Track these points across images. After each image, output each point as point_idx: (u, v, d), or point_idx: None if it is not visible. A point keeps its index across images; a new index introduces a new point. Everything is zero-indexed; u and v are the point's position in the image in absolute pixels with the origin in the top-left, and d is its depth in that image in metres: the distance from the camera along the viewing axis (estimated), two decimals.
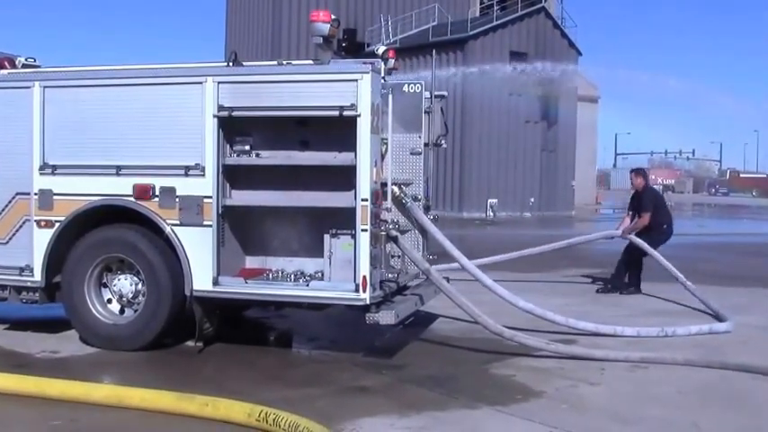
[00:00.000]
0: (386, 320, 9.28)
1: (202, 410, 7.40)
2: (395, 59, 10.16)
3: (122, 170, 9.91)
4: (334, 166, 9.60)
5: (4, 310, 11.37)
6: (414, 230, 10.87)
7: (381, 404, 8.10)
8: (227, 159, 9.79)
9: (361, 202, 9.15)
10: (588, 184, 64.03)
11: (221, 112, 9.57)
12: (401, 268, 10.64)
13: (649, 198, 15.98)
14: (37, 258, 10.26)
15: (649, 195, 16.11)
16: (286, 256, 10.30)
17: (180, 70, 10.09)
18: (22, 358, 9.76)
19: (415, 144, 10.90)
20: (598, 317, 11.86)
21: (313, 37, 9.42)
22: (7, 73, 10.68)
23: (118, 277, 10.24)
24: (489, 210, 44.40)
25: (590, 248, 27.93)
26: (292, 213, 10.06)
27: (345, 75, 9.39)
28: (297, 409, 7.12)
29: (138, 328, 9.98)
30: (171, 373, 9.31)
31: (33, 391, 8.06)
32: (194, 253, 9.71)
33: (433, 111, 11.13)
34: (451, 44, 48.15)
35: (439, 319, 12.11)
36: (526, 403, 8.20)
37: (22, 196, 10.30)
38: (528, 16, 50.17)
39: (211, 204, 9.64)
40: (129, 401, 7.76)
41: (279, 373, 9.37)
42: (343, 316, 10.72)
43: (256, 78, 9.83)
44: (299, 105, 9.47)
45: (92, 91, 10.15)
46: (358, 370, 9.49)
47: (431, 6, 53.55)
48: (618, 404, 8.26)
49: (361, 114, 9.13)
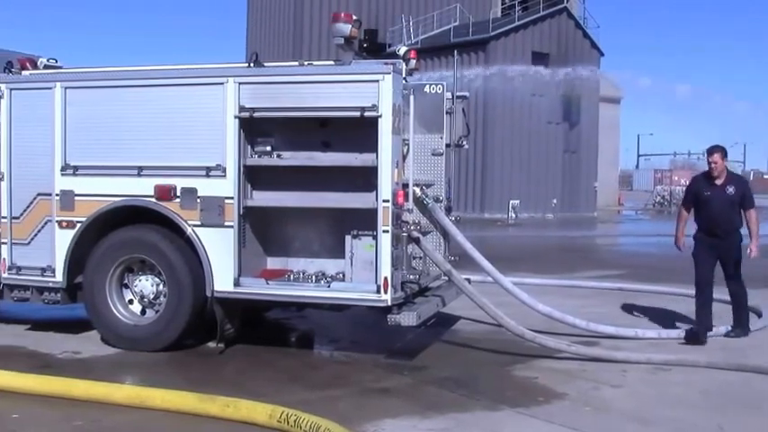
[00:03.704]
0: (407, 322, 9.24)
1: (224, 411, 7.40)
2: (416, 60, 10.12)
3: (143, 171, 9.92)
4: (355, 167, 9.57)
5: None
6: (435, 232, 10.83)
7: (403, 406, 8.07)
8: (248, 160, 9.79)
9: (382, 203, 9.13)
10: (610, 185, 63.79)
11: (242, 113, 9.56)
12: (422, 269, 10.60)
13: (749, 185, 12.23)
14: (59, 259, 10.30)
15: (747, 182, 12.48)
16: (307, 257, 10.29)
17: (201, 71, 10.09)
18: (45, 359, 9.79)
19: (436, 145, 10.86)
20: (618, 319, 11.80)
21: (334, 38, 9.41)
22: (29, 74, 10.72)
23: (139, 278, 10.26)
24: (511, 211, 44.25)
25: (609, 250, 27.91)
26: (313, 214, 10.04)
27: (367, 75, 9.36)
28: (318, 411, 7.10)
29: (160, 329, 9.99)
30: (192, 374, 9.31)
31: (58, 392, 8.10)
32: (215, 254, 9.71)
33: (454, 111, 11.09)
34: (473, 45, 48.14)
35: (460, 320, 12.07)
36: (548, 405, 8.16)
37: (44, 197, 10.34)
38: (550, 17, 50.05)
39: (232, 205, 9.64)
40: (150, 402, 7.77)
41: (300, 375, 9.34)
42: (364, 317, 10.69)
43: (277, 79, 9.81)
44: (320, 106, 9.45)
45: (113, 92, 10.18)
46: (379, 371, 9.47)
47: (452, 7, 53.46)
48: (640, 406, 8.20)
49: (383, 115, 9.11)
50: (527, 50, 48.31)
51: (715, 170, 11.11)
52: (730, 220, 11.13)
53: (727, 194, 11.10)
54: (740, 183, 11.53)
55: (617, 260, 20.42)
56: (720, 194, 11.10)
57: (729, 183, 11.21)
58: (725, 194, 11.10)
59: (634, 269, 18.19)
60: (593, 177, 52.27)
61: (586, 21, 52.68)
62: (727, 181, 11.21)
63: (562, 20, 50.42)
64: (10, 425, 7.47)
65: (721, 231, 11.09)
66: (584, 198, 51.34)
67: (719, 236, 11.10)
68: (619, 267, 19.32)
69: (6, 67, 10.68)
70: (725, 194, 11.10)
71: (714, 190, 11.14)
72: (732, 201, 11.12)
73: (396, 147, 9.28)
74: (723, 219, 11.09)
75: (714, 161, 11.08)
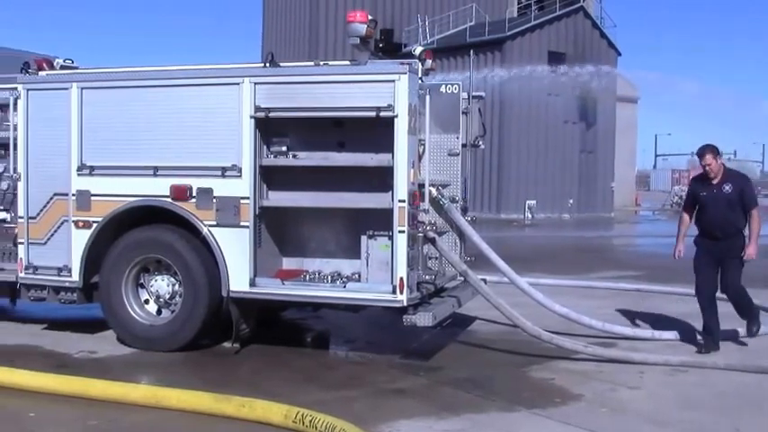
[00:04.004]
0: (423, 322, 9.22)
1: (239, 411, 7.41)
2: (432, 60, 10.07)
3: (159, 171, 9.94)
4: (371, 167, 9.55)
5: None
6: (451, 232, 10.81)
7: (418, 406, 8.05)
8: (263, 160, 9.78)
9: (398, 204, 9.11)
10: (627, 185, 63.58)
11: (258, 113, 9.56)
12: (438, 270, 10.58)
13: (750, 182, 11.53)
14: (75, 259, 10.32)
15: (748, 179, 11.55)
16: (323, 258, 10.28)
17: (217, 71, 10.09)
18: (61, 358, 9.83)
19: (452, 145, 10.84)
20: (635, 321, 11.75)
21: (350, 38, 9.40)
22: (46, 74, 10.74)
23: (155, 278, 10.28)
24: (527, 211, 44.17)
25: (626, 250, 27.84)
26: (329, 214, 10.03)
27: (382, 75, 9.35)
28: (333, 411, 7.09)
29: (175, 329, 10.00)
30: (208, 374, 9.32)
31: (74, 391, 8.13)
32: (231, 254, 9.71)
33: (470, 111, 11.08)
34: (489, 44, 48.10)
35: (476, 321, 12.05)
36: (565, 406, 8.13)
37: (60, 197, 10.37)
38: (566, 16, 49.94)
39: (248, 205, 9.64)
40: (166, 402, 7.78)
41: (315, 375, 9.34)
42: (380, 318, 10.67)
43: (293, 79, 9.80)
44: (336, 106, 9.44)
45: (129, 92, 10.20)
46: (395, 372, 9.46)
47: (468, 6, 53.44)
48: (658, 408, 8.16)
49: (399, 115, 9.09)
50: (543, 50, 48.19)
51: (710, 172, 10.53)
52: (728, 220, 10.50)
53: (723, 193, 10.49)
54: (738, 180, 10.75)
55: (634, 261, 20.33)
56: (717, 194, 10.51)
57: (726, 181, 10.56)
58: (721, 193, 10.50)
59: (651, 270, 18.08)
60: (610, 177, 52.12)
61: (603, 20, 52.56)
62: (723, 179, 10.57)
63: (578, 19, 50.30)
64: (27, 424, 7.50)
65: (720, 233, 10.52)
66: (600, 198, 51.19)
67: (718, 238, 10.53)
68: (636, 268, 19.23)
69: (23, 67, 10.71)
70: (721, 193, 10.50)
71: (710, 190, 10.59)
72: (729, 200, 10.47)
73: (412, 147, 9.27)
74: (720, 219, 10.50)
75: (707, 163, 10.50)
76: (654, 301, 14.43)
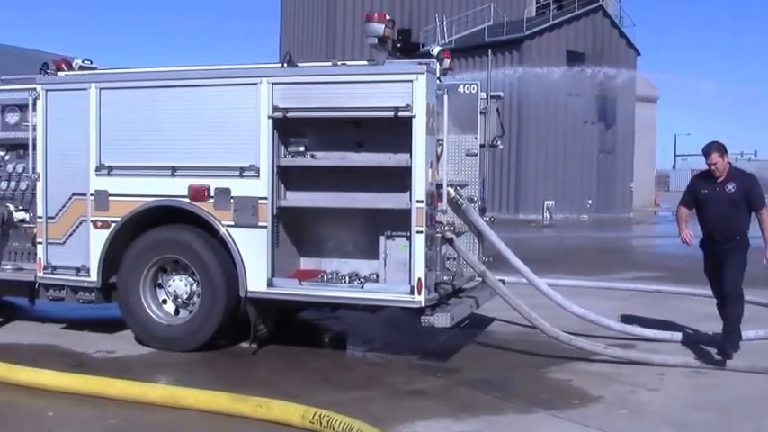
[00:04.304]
0: (441, 323, 9.20)
1: (256, 412, 7.41)
2: (450, 60, 10.07)
3: (177, 171, 9.95)
4: (388, 167, 9.52)
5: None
6: (469, 232, 10.78)
7: (436, 407, 8.03)
8: (281, 160, 9.78)
9: (416, 204, 9.09)
10: (647, 185, 63.40)
11: (276, 113, 9.55)
12: (456, 270, 10.55)
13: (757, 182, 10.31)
14: (93, 259, 10.35)
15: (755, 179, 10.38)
16: (341, 258, 10.26)
17: (234, 71, 10.09)
18: (79, 358, 9.86)
19: (470, 145, 10.82)
20: (655, 322, 11.68)
21: (368, 37, 9.39)
22: (64, 75, 10.77)
23: (173, 278, 10.29)
24: (546, 211, 44.07)
25: (645, 251, 27.72)
26: (347, 215, 10.00)
27: (400, 75, 9.33)
28: (351, 412, 7.08)
29: (193, 329, 10.01)
30: (225, 374, 9.31)
31: (93, 391, 8.16)
32: (249, 254, 9.71)
33: (488, 111, 11.06)
34: (507, 44, 48.07)
35: (494, 322, 12.02)
36: (583, 408, 8.10)
37: (79, 197, 10.40)
38: (585, 15, 49.86)
39: (266, 205, 9.63)
40: (183, 402, 7.79)
41: (333, 376, 9.33)
42: (398, 318, 10.64)
43: (311, 79, 9.79)
44: (354, 106, 9.41)
45: (147, 92, 10.21)
46: (413, 373, 9.44)
47: (486, 6, 53.42)
48: (677, 410, 8.11)
49: (417, 115, 9.07)
50: (562, 50, 48.12)
51: (716, 171, 9.87)
52: (730, 222, 9.84)
53: (726, 193, 9.84)
54: (744, 179, 10.00)
55: (654, 262, 20.22)
56: (719, 193, 9.88)
57: (730, 180, 9.89)
58: (723, 193, 9.84)
59: (671, 271, 18.00)
60: (629, 178, 51.99)
61: (622, 19, 52.47)
62: (727, 178, 9.90)
63: (597, 19, 50.21)
64: (46, 422, 7.52)
65: (720, 236, 9.91)
66: (619, 199, 51.07)
67: (718, 241, 9.93)
68: (656, 269, 19.15)
69: (42, 68, 10.75)
70: (723, 193, 9.84)
71: (712, 188, 9.96)
72: (732, 200, 9.80)
73: (430, 147, 9.24)
74: (721, 220, 9.87)
75: (713, 162, 9.83)
76: (674, 302, 14.37)
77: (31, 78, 10.73)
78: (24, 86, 10.82)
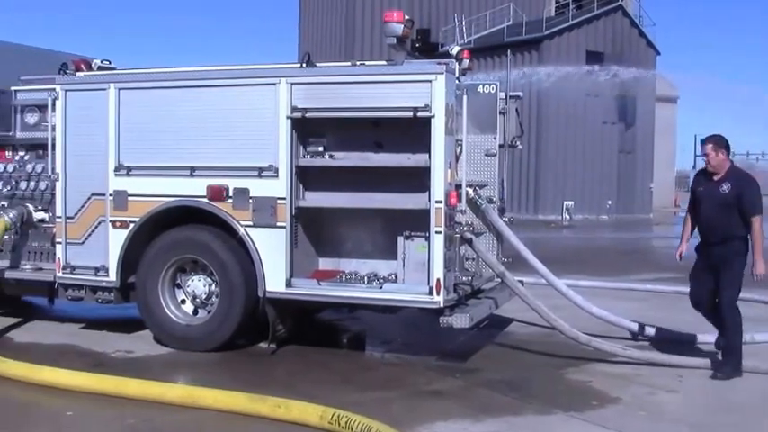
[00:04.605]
0: (460, 324, 9.18)
1: (275, 412, 7.41)
2: (469, 60, 10.03)
3: (196, 171, 9.96)
4: (407, 167, 9.50)
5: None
6: (488, 233, 10.75)
7: (455, 408, 8.01)
8: (300, 161, 9.77)
9: (435, 204, 9.07)
10: (666, 186, 63.03)
11: (294, 114, 9.55)
12: (475, 271, 10.51)
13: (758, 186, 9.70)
14: (112, 259, 10.37)
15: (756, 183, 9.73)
16: (359, 258, 10.25)
17: (253, 71, 10.09)
18: (98, 357, 9.88)
19: (489, 145, 10.79)
20: (675, 324, 11.61)
21: (386, 37, 9.36)
22: (83, 75, 10.80)
23: (191, 278, 10.30)
24: (565, 212, 43.94)
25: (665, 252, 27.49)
26: (365, 215, 9.98)
27: (419, 75, 9.30)
28: (369, 413, 7.08)
29: (212, 329, 10.02)
30: (244, 374, 9.32)
31: (111, 391, 8.19)
32: (267, 254, 9.71)
33: (507, 111, 11.02)
34: (526, 44, 47.91)
35: (513, 322, 11.98)
36: (602, 409, 8.07)
37: (98, 197, 10.42)
38: (604, 15, 49.63)
39: (285, 206, 9.63)
40: (202, 402, 7.81)
41: (351, 376, 9.33)
42: (416, 319, 10.62)
43: (330, 79, 9.77)
44: (373, 106, 9.40)
45: (166, 93, 10.23)
46: (431, 373, 9.42)
47: (505, 6, 53.30)
48: (697, 412, 8.10)
49: (436, 115, 9.04)
50: (581, 50, 47.90)
51: (708, 163, 9.41)
52: (721, 223, 9.30)
53: (719, 192, 9.33)
54: (740, 180, 9.41)
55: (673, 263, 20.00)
56: (713, 192, 9.40)
57: (726, 180, 9.37)
58: (717, 192, 9.34)
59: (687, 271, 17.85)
60: (649, 178, 51.73)
61: (642, 19, 52.17)
62: (724, 177, 9.39)
63: (617, 18, 49.98)
64: (64, 422, 7.56)
65: (712, 237, 9.44)
66: (639, 199, 50.81)
67: (713, 243, 9.42)
68: (676, 270, 18.86)
69: (61, 68, 10.78)
70: (717, 192, 9.34)
71: (707, 186, 9.50)
72: (725, 200, 9.28)
73: (449, 147, 9.21)
74: (711, 220, 9.40)
75: (705, 152, 9.41)
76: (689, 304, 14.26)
77: (51, 79, 10.76)
78: (44, 87, 10.88)
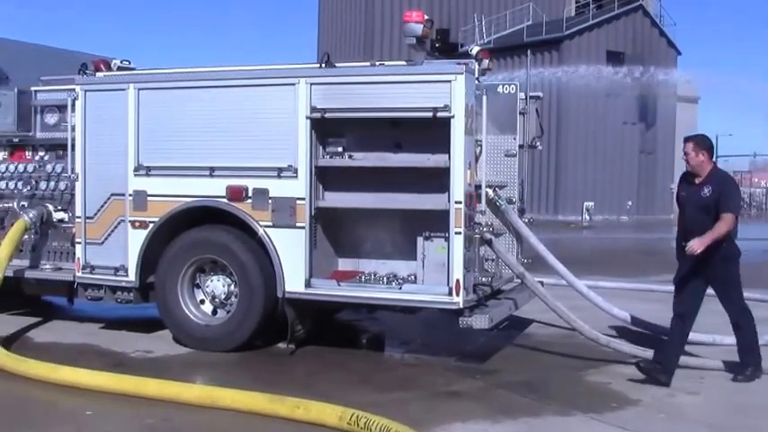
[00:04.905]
0: (479, 325, 9.15)
1: (293, 413, 7.40)
2: (489, 60, 9.99)
3: (215, 172, 9.96)
4: (427, 168, 9.47)
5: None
6: (508, 234, 10.71)
7: (474, 409, 7.98)
8: (319, 161, 9.76)
9: (454, 205, 9.04)
10: None
11: (314, 114, 9.53)
12: (495, 272, 10.48)
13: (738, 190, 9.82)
14: (131, 259, 10.38)
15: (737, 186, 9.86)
16: (378, 259, 10.22)
17: (272, 72, 10.08)
18: (117, 357, 9.90)
19: (509, 146, 10.75)
20: (695, 325, 11.53)
21: (406, 37, 9.34)
22: (103, 75, 10.82)
23: (211, 278, 10.30)
24: (585, 213, 43.82)
25: None
26: (385, 215, 9.97)
27: (439, 76, 9.28)
28: (388, 413, 7.06)
29: (231, 330, 10.02)
30: (262, 374, 9.32)
31: (130, 390, 8.21)
32: (287, 255, 9.70)
33: (528, 112, 10.99)
34: (546, 44, 47.90)
35: (533, 323, 11.93)
36: (622, 411, 8.01)
37: (117, 197, 10.43)
38: (625, 15, 49.55)
39: (304, 206, 9.62)
40: (220, 402, 7.81)
41: (370, 377, 9.31)
42: (436, 320, 10.60)
43: (349, 79, 9.75)
44: (392, 107, 9.37)
45: (185, 93, 10.23)
46: (450, 374, 9.39)
47: (525, 6, 53.25)
48: (717, 414, 8.03)
49: (455, 116, 9.01)
50: (601, 49, 47.82)
51: (688, 163, 9.11)
52: (704, 228, 8.78)
53: (700, 196, 8.97)
54: (720, 182, 9.02)
55: None
56: (694, 196, 9.07)
57: (708, 182, 8.98)
58: (698, 196, 8.99)
59: None
60: (670, 179, 51.42)
61: (662, 18, 52.05)
62: (706, 180, 9.01)
63: (637, 18, 49.87)
64: (84, 421, 7.58)
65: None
66: (660, 200, 50.63)
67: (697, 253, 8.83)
68: None
69: (81, 68, 10.81)
70: (698, 196, 8.99)
71: (689, 190, 9.17)
72: (707, 204, 8.90)
73: (468, 147, 9.18)
74: (696, 227, 8.89)
75: (685, 151, 9.11)
76: (714, 305, 14.13)
77: (70, 79, 10.79)
78: (63, 87, 10.92)
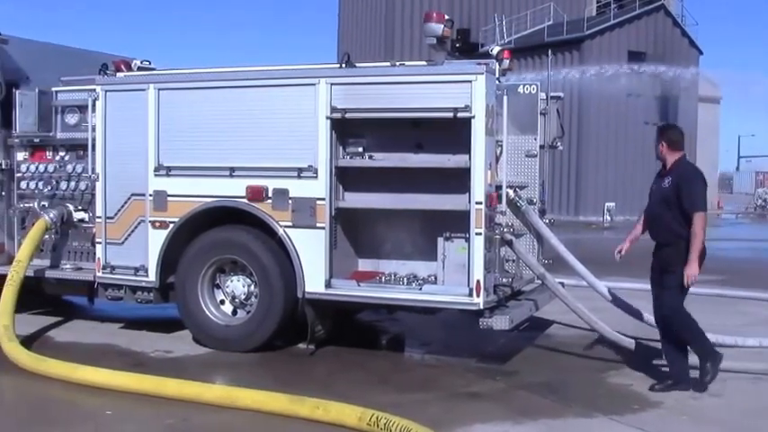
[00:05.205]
0: (500, 326, 9.12)
1: (313, 413, 7.40)
2: (510, 60, 9.95)
3: (235, 172, 9.96)
4: (447, 168, 9.44)
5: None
6: (529, 234, 10.68)
7: (494, 411, 7.97)
8: (339, 161, 9.75)
9: (475, 205, 9.00)
10: (709, 187, 61.12)
11: (334, 114, 9.52)
12: (515, 273, 10.44)
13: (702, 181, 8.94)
14: (151, 259, 10.40)
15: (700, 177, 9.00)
16: (399, 259, 10.20)
17: (292, 72, 10.08)
18: (138, 357, 9.93)
19: (530, 146, 10.72)
20: (718, 326, 11.46)
21: (426, 38, 9.33)
22: (123, 75, 10.85)
23: (231, 278, 10.30)
24: (606, 213, 43.61)
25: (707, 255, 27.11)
26: (405, 216, 9.95)
27: (459, 76, 9.25)
28: (408, 414, 7.06)
29: (251, 330, 10.02)
30: (282, 375, 9.32)
31: (150, 390, 8.24)
32: (307, 255, 9.69)
33: (548, 112, 10.95)
34: (567, 44, 47.66)
35: (553, 324, 11.89)
36: (643, 413, 7.97)
37: (138, 197, 10.46)
38: (646, 15, 49.25)
39: (324, 206, 9.61)
40: (240, 402, 7.82)
41: (390, 377, 9.30)
42: (456, 320, 10.57)
43: (369, 80, 9.74)
44: (413, 107, 9.35)
45: (205, 93, 10.24)
46: (471, 375, 9.37)
47: (546, 5, 53.05)
48: (739, 417, 7.96)
49: (476, 116, 8.98)
50: (623, 49, 47.56)
51: (659, 155, 8.94)
52: (662, 220, 8.63)
53: (661, 187, 8.73)
54: (680, 174, 8.65)
55: (715, 265, 19.72)
56: (656, 187, 8.85)
57: (669, 174, 8.74)
58: (659, 187, 8.77)
59: (733, 275, 17.61)
60: None
61: (684, 18, 51.74)
62: (668, 171, 8.77)
63: (659, 18, 49.57)
64: (104, 421, 7.61)
65: (656, 236, 8.83)
66: None
67: (659, 244, 8.79)
68: (717, 273, 18.69)
69: (101, 69, 10.84)
70: (659, 187, 8.77)
71: (655, 181, 8.96)
72: (667, 196, 8.59)
73: (489, 148, 9.15)
74: (654, 218, 8.81)
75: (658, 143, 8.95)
76: (736, 306, 14.11)
77: (91, 79, 10.83)
78: (84, 87, 10.96)
